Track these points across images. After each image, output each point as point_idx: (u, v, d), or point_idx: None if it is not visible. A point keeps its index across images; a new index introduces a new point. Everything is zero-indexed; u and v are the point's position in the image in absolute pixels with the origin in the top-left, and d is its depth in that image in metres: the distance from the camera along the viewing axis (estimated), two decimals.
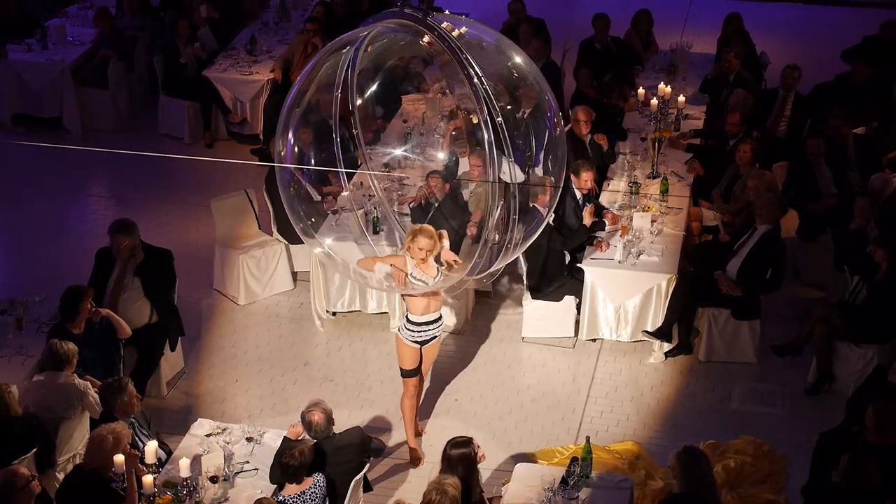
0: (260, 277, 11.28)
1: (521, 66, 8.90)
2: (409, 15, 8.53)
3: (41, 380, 8.53)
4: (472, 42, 8.51)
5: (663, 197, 11.25)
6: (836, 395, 9.89)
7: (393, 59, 9.71)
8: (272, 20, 15.74)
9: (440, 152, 10.71)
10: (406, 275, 8.70)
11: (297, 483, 7.54)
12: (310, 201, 9.89)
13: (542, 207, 9.10)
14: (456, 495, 7.13)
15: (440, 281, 8.82)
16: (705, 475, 7.51)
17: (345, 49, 8.98)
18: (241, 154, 14.02)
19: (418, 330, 8.92)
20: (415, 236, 8.71)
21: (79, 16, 15.67)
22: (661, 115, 11.75)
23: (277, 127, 9.11)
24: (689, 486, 7.40)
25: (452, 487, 7.13)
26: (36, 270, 11.59)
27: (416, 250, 8.68)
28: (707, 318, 10.38)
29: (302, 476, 7.54)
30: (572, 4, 18.53)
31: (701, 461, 7.53)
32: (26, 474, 7.25)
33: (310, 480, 7.57)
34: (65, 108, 14.46)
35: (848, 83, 13.45)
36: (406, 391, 9.15)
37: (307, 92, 9.00)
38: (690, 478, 7.41)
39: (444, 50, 8.36)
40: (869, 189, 11.08)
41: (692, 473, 7.43)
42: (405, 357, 9.02)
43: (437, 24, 8.40)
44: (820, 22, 18.34)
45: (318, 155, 9.54)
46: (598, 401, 10.07)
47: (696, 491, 7.40)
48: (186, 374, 10.29)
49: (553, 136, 8.99)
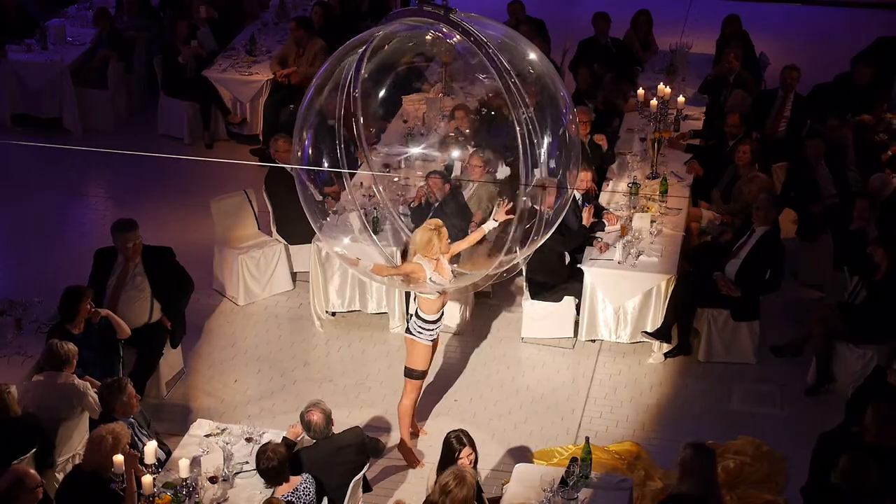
0: (259, 278, 11.28)
1: (536, 63, 8.84)
2: (430, 13, 8.47)
3: (40, 380, 8.53)
4: (493, 39, 8.46)
5: (663, 197, 11.24)
6: (835, 396, 9.89)
7: (403, 59, 9.65)
8: (271, 20, 15.76)
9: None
10: (427, 279, 8.70)
11: (286, 481, 7.55)
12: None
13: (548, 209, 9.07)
14: (473, 483, 7.15)
15: (455, 281, 8.81)
16: (714, 474, 7.49)
17: (361, 48, 8.91)
18: (240, 154, 14.02)
19: (434, 328, 8.93)
20: (439, 233, 8.69)
21: (78, 16, 15.68)
22: (661, 115, 11.76)
23: (295, 126, 9.06)
24: (698, 484, 7.33)
25: (470, 475, 7.14)
26: (35, 271, 11.60)
27: (434, 250, 8.66)
28: (706, 318, 10.38)
29: (286, 474, 7.55)
30: (572, 5, 18.54)
31: (713, 460, 7.50)
32: (37, 479, 7.27)
33: (297, 479, 7.58)
34: (64, 108, 14.47)
35: (848, 84, 13.46)
36: (413, 393, 9.13)
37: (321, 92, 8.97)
38: (702, 476, 7.34)
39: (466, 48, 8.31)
40: (868, 190, 11.08)
41: (705, 472, 7.38)
42: (420, 358, 9.00)
43: (461, 21, 8.35)
44: (819, 23, 18.35)
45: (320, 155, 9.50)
46: (598, 401, 10.07)
47: (704, 490, 7.33)
48: (186, 375, 10.29)
49: (568, 135, 8.92)
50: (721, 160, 11.89)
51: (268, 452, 7.54)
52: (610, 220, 10.84)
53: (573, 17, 17.04)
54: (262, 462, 7.55)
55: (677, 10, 18.24)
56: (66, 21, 15.40)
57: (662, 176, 11.55)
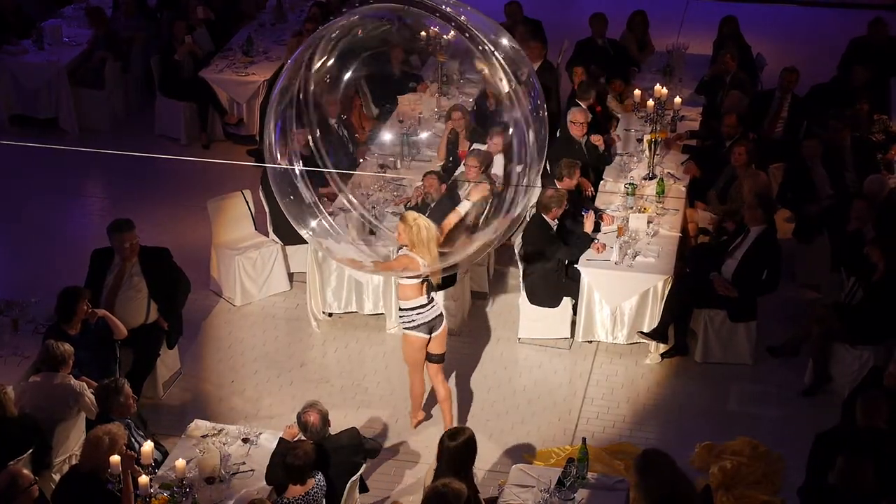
0: (256, 278, 11.27)
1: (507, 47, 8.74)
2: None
3: (37, 381, 8.52)
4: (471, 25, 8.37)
5: (659, 198, 11.25)
6: (832, 397, 9.89)
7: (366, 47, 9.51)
8: (268, 21, 15.75)
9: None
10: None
11: (301, 484, 7.53)
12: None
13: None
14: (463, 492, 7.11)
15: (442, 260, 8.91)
16: (676, 471, 7.32)
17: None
18: (237, 155, 14.01)
19: (411, 315, 9.00)
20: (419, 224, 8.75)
21: (75, 16, 15.67)
22: (658, 116, 11.75)
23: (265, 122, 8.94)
24: (657, 486, 7.13)
25: (453, 492, 7.10)
26: (32, 271, 11.58)
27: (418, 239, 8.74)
28: (703, 319, 10.38)
29: (306, 476, 7.54)
30: (569, 6, 18.54)
31: (668, 460, 7.30)
32: (30, 477, 7.26)
33: (312, 481, 7.57)
34: (61, 108, 14.46)
35: (845, 85, 13.47)
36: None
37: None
38: (661, 477, 7.21)
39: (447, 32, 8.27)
40: (865, 191, 11.09)
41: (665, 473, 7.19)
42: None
43: (438, 4, 8.26)
44: (815, 23, 18.35)
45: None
46: (595, 402, 10.07)
47: (667, 489, 7.10)
48: (182, 375, 10.28)
49: (539, 116, 8.84)
50: (718, 161, 11.90)
51: (298, 451, 7.51)
52: (606, 220, 10.85)
53: (570, 18, 17.04)
54: (289, 457, 7.51)
55: (674, 11, 18.24)
56: (62, 21, 15.39)
57: (659, 177, 11.55)
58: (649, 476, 7.15)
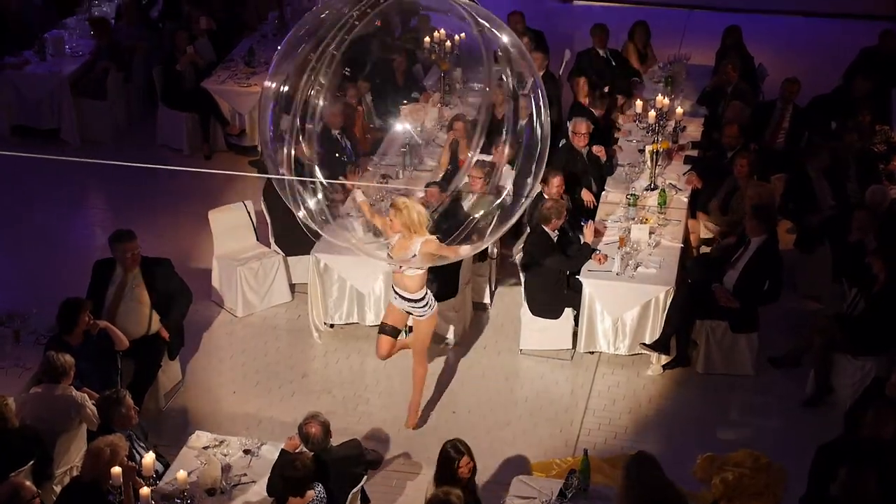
0: (258, 289, 11.27)
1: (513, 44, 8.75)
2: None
3: (38, 392, 8.52)
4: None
5: (661, 209, 11.25)
6: (834, 407, 9.88)
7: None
8: (270, 32, 15.76)
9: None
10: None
11: (301, 496, 7.52)
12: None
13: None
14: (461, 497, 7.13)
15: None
16: (662, 478, 7.31)
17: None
18: (239, 166, 14.03)
19: (429, 297, 9.30)
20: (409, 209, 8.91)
21: (77, 27, 15.69)
22: (659, 126, 11.77)
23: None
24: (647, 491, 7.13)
25: (456, 497, 7.12)
26: (33, 282, 11.58)
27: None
28: (705, 330, 10.38)
29: (305, 488, 7.53)
30: (571, 17, 18.56)
31: (656, 466, 7.36)
32: (32, 489, 7.26)
33: (311, 493, 7.56)
34: (63, 119, 14.47)
35: (846, 95, 13.47)
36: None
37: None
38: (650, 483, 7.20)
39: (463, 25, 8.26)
40: (867, 201, 11.09)
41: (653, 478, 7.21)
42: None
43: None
44: (818, 34, 18.36)
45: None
46: (596, 413, 10.06)
47: (656, 495, 7.16)
48: (184, 386, 10.28)
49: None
50: (719, 172, 11.90)
51: (296, 462, 7.50)
52: (598, 230, 10.79)
53: (573, 30, 17.06)
54: (287, 469, 7.51)
55: (676, 22, 18.26)
56: (65, 32, 15.41)
57: (661, 187, 11.55)
58: (637, 482, 7.16)
